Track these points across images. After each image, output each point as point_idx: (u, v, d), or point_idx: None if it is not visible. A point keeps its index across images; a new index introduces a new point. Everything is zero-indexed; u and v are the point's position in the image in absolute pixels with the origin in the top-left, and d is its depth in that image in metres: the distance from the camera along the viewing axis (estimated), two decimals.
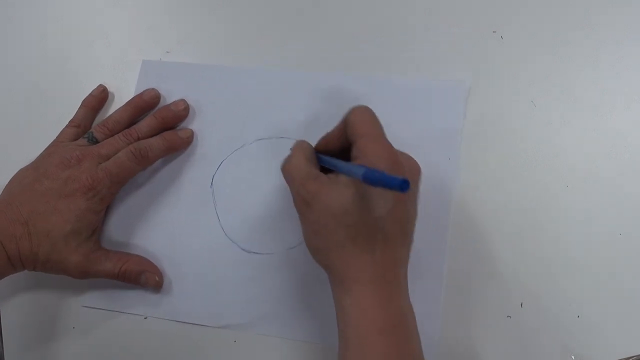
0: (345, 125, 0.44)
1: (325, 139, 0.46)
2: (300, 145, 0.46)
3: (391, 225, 0.41)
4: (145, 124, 0.54)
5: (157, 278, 0.51)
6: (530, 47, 0.52)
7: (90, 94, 0.57)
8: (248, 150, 0.53)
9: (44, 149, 0.54)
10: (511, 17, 0.53)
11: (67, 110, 0.56)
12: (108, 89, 0.57)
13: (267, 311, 0.49)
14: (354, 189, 0.41)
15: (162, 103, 0.56)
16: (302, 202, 0.43)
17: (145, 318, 0.52)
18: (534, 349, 0.46)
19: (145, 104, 0.55)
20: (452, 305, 0.48)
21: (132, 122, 0.55)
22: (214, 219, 0.52)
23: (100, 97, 0.57)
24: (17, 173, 0.52)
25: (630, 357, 0.45)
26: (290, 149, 0.46)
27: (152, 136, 0.54)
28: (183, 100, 0.55)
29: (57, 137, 0.54)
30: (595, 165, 0.49)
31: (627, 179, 0.48)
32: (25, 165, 0.53)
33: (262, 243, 0.51)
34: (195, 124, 0.55)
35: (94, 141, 0.53)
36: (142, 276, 0.51)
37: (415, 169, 0.44)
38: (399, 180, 0.34)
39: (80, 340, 0.52)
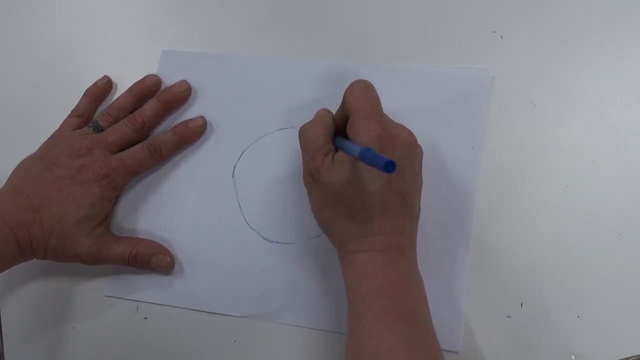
0: (342, 101, 0.45)
1: (334, 117, 0.47)
2: (322, 115, 0.48)
3: (389, 198, 0.42)
4: (149, 107, 0.54)
5: (168, 259, 0.51)
6: (530, 47, 0.52)
7: (94, 84, 0.57)
8: (269, 140, 0.54)
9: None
10: (511, 17, 0.53)
11: (66, 110, 0.56)
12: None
13: (287, 301, 0.50)
14: (349, 168, 0.42)
15: None
16: (309, 175, 0.44)
17: (145, 318, 0.52)
18: (534, 349, 0.46)
19: (147, 90, 0.55)
20: None
21: (135, 108, 0.55)
22: (236, 208, 0.52)
23: (104, 87, 0.57)
24: (21, 163, 0.52)
25: (630, 357, 0.45)
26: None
27: (157, 119, 0.54)
28: (184, 81, 0.55)
29: (60, 127, 0.54)
30: (595, 165, 0.49)
31: (627, 179, 0.48)
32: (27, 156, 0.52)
33: (284, 232, 0.51)
34: (215, 114, 0.55)
35: (99, 129, 0.53)
36: (153, 258, 0.51)
37: (412, 142, 0.44)
38: (383, 161, 0.36)
39: (80, 340, 0.52)
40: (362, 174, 0.42)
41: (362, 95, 0.45)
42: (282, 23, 0.57)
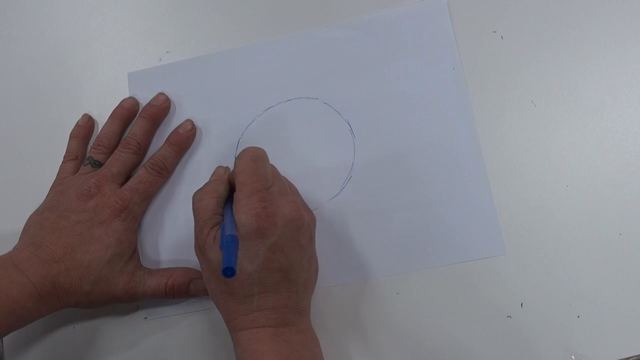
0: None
1: (230, 177, 0.47)
2: (215, 179, 0.47)
3: (268, 275, 0.42)
4: (138, 126, 0.54)
5: None
6: (530, 47, 0.52)
7: (77, 125, 0.56)
8: (260, 122, 0.54)
9: (41, 150, 0.54)
10: (511, 17, 0.53)
11: (66, 111, 0.56)
12: (109, 89, 0.57)
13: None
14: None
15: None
16: (197, 247, 0.45)
17: (146, 318, 0.52)
18: (534, 349, 0.46)
19: (128, 112, 0.55)
20: (453, 305, 0.48)
21: (122, 132, 0.55)
22: None
23: (88, 125, 0.56)
24: (30, 218, 0.50)
25: (630, 357, 0.45)
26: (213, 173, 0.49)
27: (148, 136, 0.54)
28: (161, 93, 0.55)
29: (58, 175, 0.53)
30: (595, 165, 0.49)
31: (627, 179, 0.48)
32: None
33: (305, 199, 0.50)
34: (198, 117, 0.55)
35: (98, 164, 0.52)
36: (191, 285, 0.50)
37: (295, 218, 0.43)
38: (224, 266, 0.38)
39: (80, 340, 0.52)
40: (239, 253, 0.41)
41: (248, 168, 0.44)
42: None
